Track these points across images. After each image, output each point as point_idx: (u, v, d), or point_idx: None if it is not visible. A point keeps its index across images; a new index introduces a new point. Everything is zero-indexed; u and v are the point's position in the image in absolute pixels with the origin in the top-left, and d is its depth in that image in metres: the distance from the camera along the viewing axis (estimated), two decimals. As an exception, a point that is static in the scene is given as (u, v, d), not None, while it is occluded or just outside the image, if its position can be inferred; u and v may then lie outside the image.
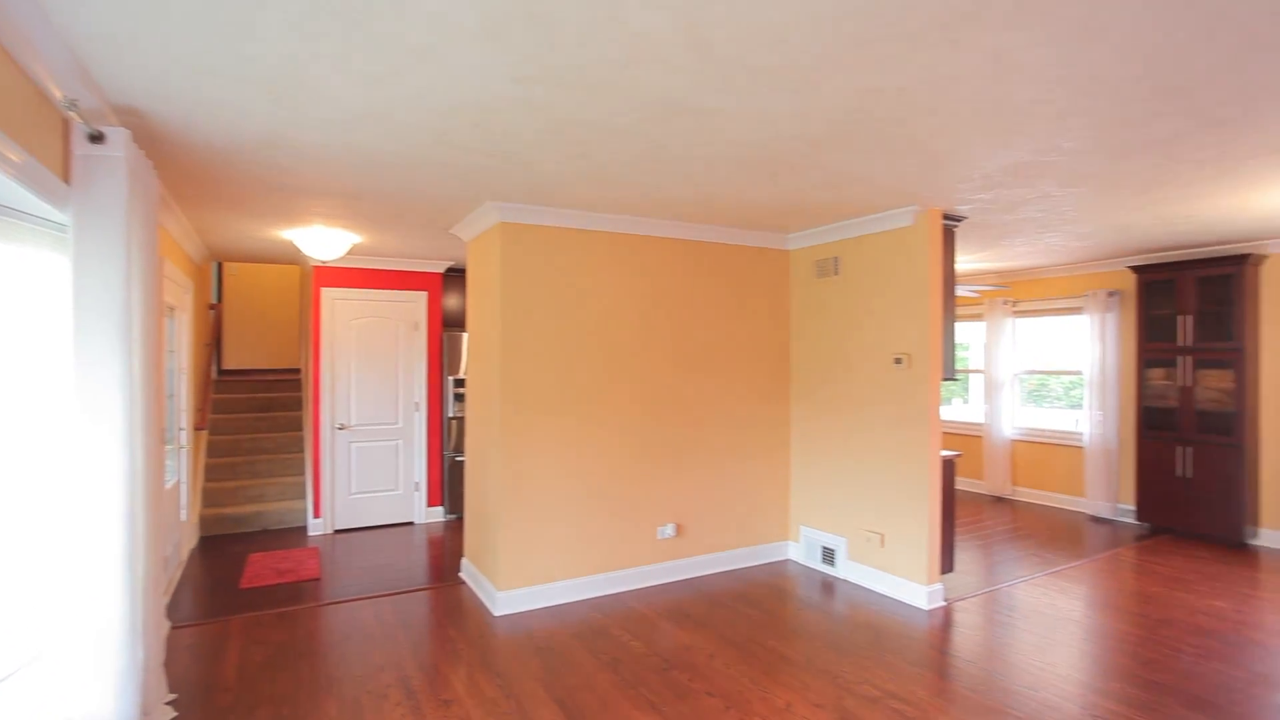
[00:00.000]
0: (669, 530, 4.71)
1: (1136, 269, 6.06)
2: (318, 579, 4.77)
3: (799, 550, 5.14)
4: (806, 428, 5.10)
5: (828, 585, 4.64)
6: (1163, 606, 4.20)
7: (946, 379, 4.30)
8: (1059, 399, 7.37)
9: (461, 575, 4.85)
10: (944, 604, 4.26)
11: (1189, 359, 5.76)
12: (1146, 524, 6.06)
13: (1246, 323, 5.48)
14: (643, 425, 4.62)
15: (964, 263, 6.55)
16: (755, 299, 5.11)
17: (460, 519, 6.48)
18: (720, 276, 4.95)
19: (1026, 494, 7.27)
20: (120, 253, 2.40)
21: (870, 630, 3.86)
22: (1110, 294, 6.46)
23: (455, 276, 6.76)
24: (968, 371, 8.22)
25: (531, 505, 4.24)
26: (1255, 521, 5.61)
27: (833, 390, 4.85)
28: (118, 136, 2.41)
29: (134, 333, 2.48)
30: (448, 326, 6.75)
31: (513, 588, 4.17)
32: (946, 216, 4.29)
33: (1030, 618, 4.05)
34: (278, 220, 4.57)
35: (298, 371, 8.30)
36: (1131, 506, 6.33)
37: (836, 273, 4.80)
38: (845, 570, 4.74)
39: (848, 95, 2.42)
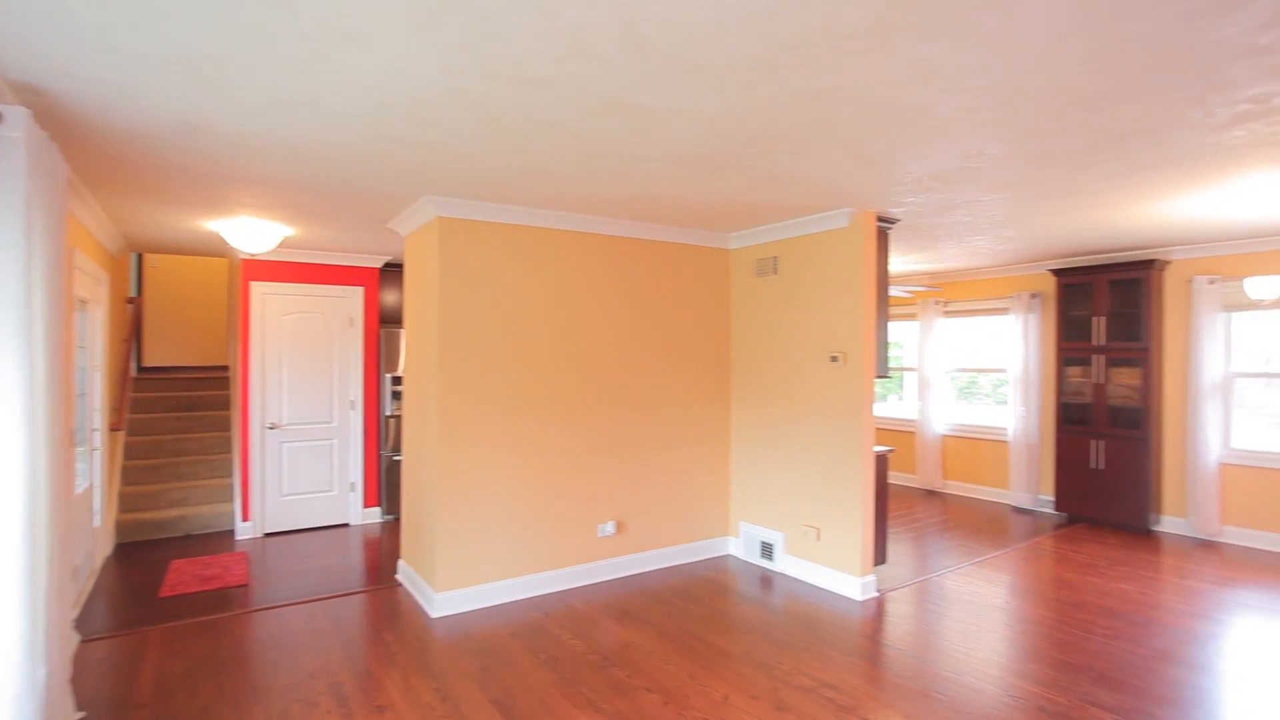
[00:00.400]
0: (610, 528, 4.71)
1: (1056, 272, 6.38)
2: (245, 585, 4.59)
3: (739, 545, 5.22)
4: (746, 425, 5.18)
5: (766, 579, 4.73)
6: (1076, 591, 4.44)
7: (880, 376, 4.43)
8: (988, 396, 7.69)
9: (398, 578, 4.75)
10: (877, 594, 4.39)
11: (1102, 358, 6.09)
12: (1064, 513, 6.39)
13: (1152, 324, 5.84)
14: (583, 423, 4.61)
15: (898, 264, 6.77)
16: (697, 297, 5.16)
17: (398, 520, 6.33)
18: (662, 275, 4.98)
19: (956, 487, 7.56)
20: (19, 240, 2.25)
21: (806, 622, 3.96)
22: (1033, 295, 6.78)
23: (393, 272, 6.60)
24: (902, 369, 8.50)
25: (470, 505, 4.18)
26: (1158, 509, 5.98)
27: (772, 388, 4.94)
28: (16, 116, 2.26)
29: (36, 327, 2.33)
30: (385, 323, 6.58)
31: (450, 589, 4.11)
32: (880, 219, 4.42)
33: (957, 606, 4.22)
34: (202, 210, 4.37)
35: (226, 369, 7.95)
36: (1051, 497, 6.66)
37: (775, 272, 4.89)
38: (783, 564, 4.84)
39: (783, 97, 2.46)
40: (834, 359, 4.41)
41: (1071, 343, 6.31)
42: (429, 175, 3.52)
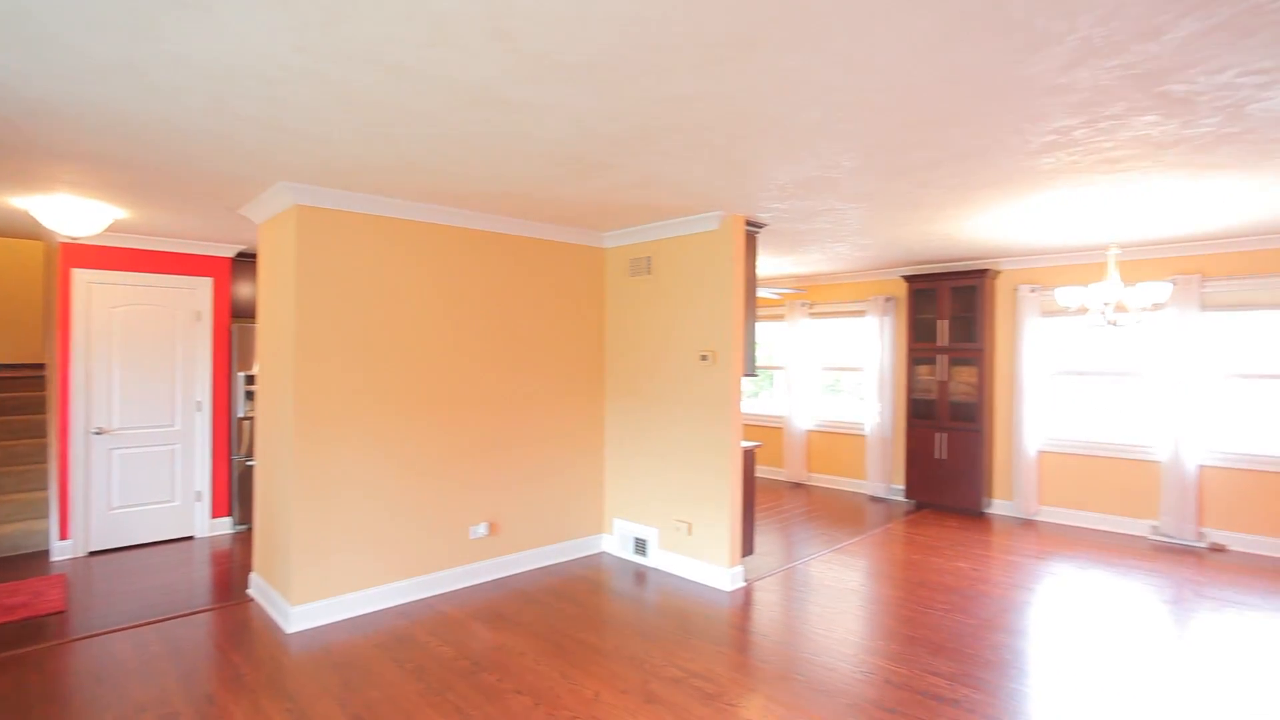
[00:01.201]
0: (482, 529, 4.60)
1: (907, 278, 6.93)
2: (62, 611, 4.08)
3: (613, 543, 5.27)
4: (620, 422, 5.23)
5: (640, 575, 4.80)
6: (920, 571, 4.84)
7: (747, 375, 4.62)
8: (850, 393, 8.22)
9: (250, 592, 4.40)
10: (745, 584, 4.58)
11: (945, 357, 6.68)
12: (913, 500, 6.96)
13: (986, 327, 6.48)
14: (456, 423, 4.48)
15: (767, 266, 7.09)
16: (572, 295, 5.15)
17: (251, 530, 5.86)
18: (538, 272, 4.93)
19: (820, 479, 8.03)
20: None
21: (677, 615, 4.05)
22: (888, 299, 7.32)
23: (247, 262, 6.10)
24: (771, 368, 8.91)
25: (329, 510, 3.94)
26: (990, 494, 6.65)
27: (645, 386, 5.02)
28: None
29: None
30: (238, 317, 6.07)
31: (308, 601, 3.85)
32: (749, 223, 4.61)
33: (817, 591, 4.48)
34: (9, 185, 3.84)
35: (42, 367, 7.03)
36: (902, 486, 7.23)
37: (649, 272, 4.98)
38: (657, 559, 4.93)
39: (652, 99, 2.50)
40: (704, 358, 4.55)
41: (920, 343, 6.87)
42: (285, 160, 3.29)
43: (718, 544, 4.54)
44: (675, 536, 4.81)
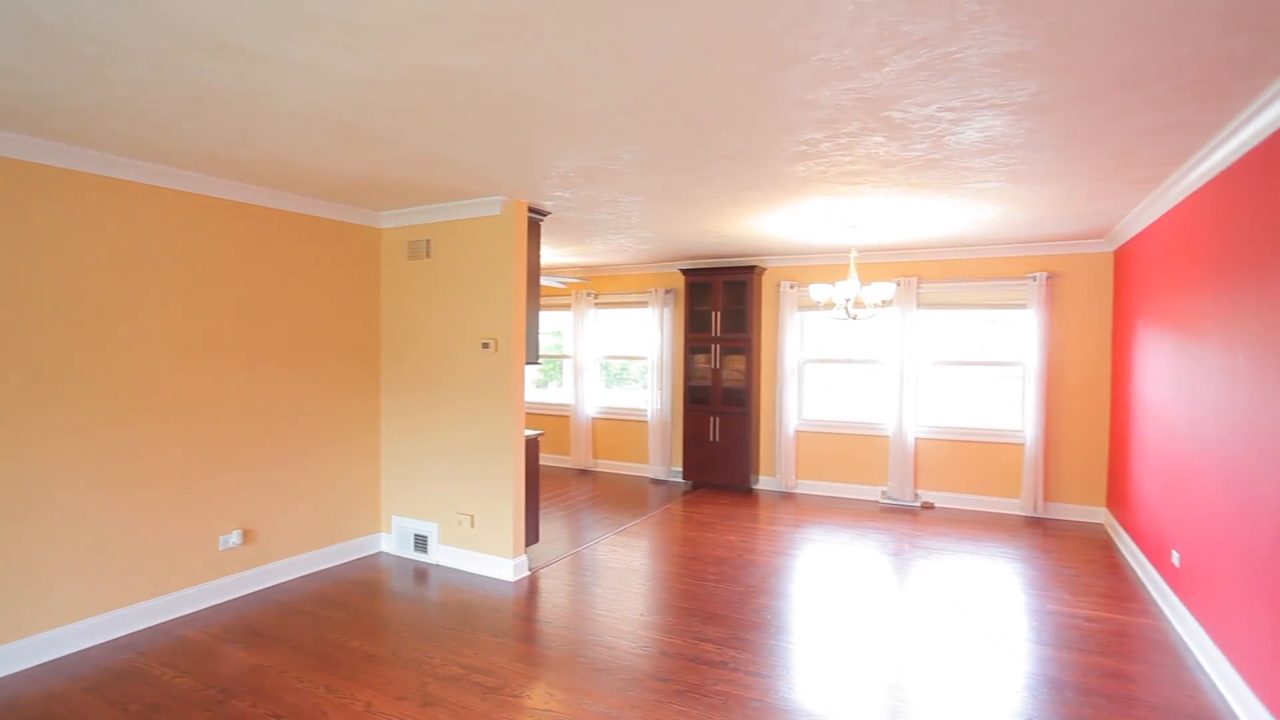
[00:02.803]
0: (234, 538, 4.08)
1: (685, 272, 7.35)
2: None
3: (391, 541, 4.97)
4: (399, 413, 4.93)
5: (421, 573, 4.58)
6: (695, 546, 5.19)
7: (530, 363, 4.60)
8: (636, 381, 8.55)
9: (-100, 642, 3.47)
10: (530, 573, 4.57)
11: (718, 346, 7.22)
12: (690, 481, 7.44)
13: (753, 319, 7.10)
14: (198, 421, 3.91)
15: (554, 256, 7.11)
16: (344, 278, 4.74)
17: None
18: (304, 251, 4.46)
19: (606, 465, 8.27)
20: None
21: (459, 611, 3.93)
22: (667, 291, 7.72)
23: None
24: (559, 356, 8.98)
25: (22, 531, 3.23)
26: (757, 471, 7.33)
27: (425, 375, 4.79)
28: None
29: None
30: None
31: (-10, 644, 3.13)
32: (532, 209, 4.57)
33: (601, 573, 4.60)
34: None
35: None
36: (680, 468, 7.70)
37: (428, 255, 4.74)
38: (438, 555, 4.74)
39: (427, 71, 2.36)
40: (485, 345, 4.44)
41: (697, 334, 7.34)
42: (-59, 93, 2.60)
43: (501, 535, 4.47)
44: (457, 530, 4.65)
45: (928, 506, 6.48)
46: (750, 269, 7.01)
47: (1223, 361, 3.15)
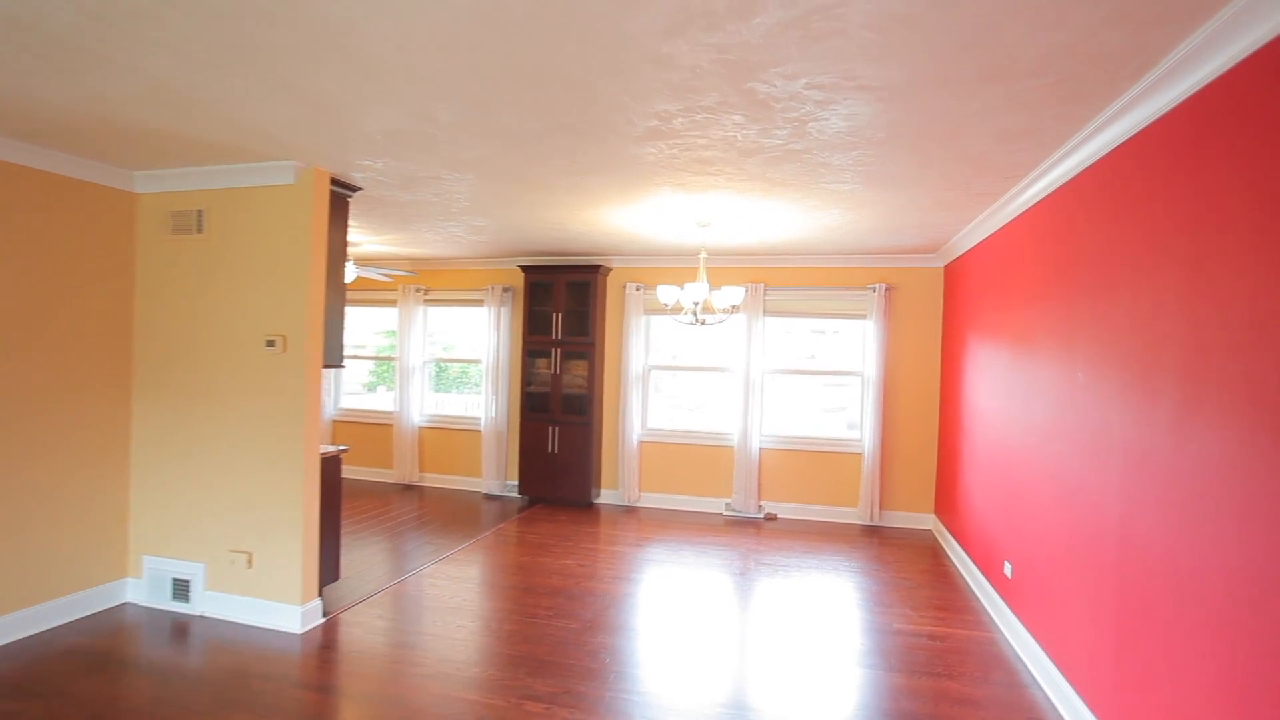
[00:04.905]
0: (-124, 605, 2.93)
1: (525, 269, 6.76)
2: None
3: (141, 588, 3.93)
4: (156, 428, 3.91)
5: (179, 628, 3.63)
6: (529, 574, 4.62)
7: (331, 365, 3.81)
8: (470, 386, 7.79)
9: None
10: (322, 620, 3.76)
11: (559, 350, 6.69)
12: (526, 496, 6.83)
13: (597, 321, 6.66)
14: None
15: (376, 245, 6.24)
16: (79, 253, 3.66)
17: None
18: (17, 218, 3.35)
19: (433, 479, 7.45)
20: None
21: (220, 682, 3.07)
22: (505, 289, 7.08)
23: None
24: (388, 359, 8.02)
25: None
26: (598, 484, 6.88)
27: (193, 379, 3.83)
28: None
29: None
30: None
31: None
32: (336, 182, 3.79)
33: (414, 615, 3.90)
34: None
35: None
36: (516, 482, 7.07)
37: (200, 230, 3.80)
38: (203, 604, 3.79)
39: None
40: (271, 343, 3.60)
41: (536, 336, 6.77)
42: None
43: (286, 576, 3.64)
44: (230, 571, 3.74)
45: (771, 518, 6.38)
46: (595, 268, 6.56)
47: (1060, 374, 3.13)
